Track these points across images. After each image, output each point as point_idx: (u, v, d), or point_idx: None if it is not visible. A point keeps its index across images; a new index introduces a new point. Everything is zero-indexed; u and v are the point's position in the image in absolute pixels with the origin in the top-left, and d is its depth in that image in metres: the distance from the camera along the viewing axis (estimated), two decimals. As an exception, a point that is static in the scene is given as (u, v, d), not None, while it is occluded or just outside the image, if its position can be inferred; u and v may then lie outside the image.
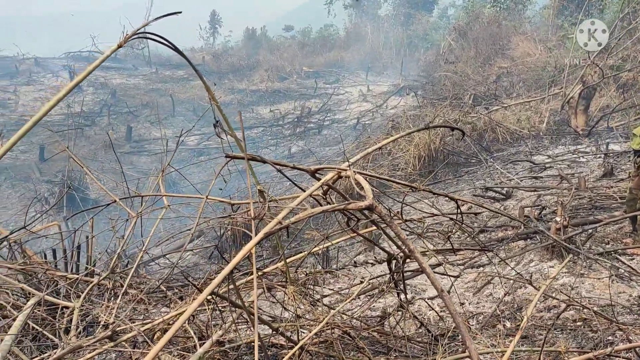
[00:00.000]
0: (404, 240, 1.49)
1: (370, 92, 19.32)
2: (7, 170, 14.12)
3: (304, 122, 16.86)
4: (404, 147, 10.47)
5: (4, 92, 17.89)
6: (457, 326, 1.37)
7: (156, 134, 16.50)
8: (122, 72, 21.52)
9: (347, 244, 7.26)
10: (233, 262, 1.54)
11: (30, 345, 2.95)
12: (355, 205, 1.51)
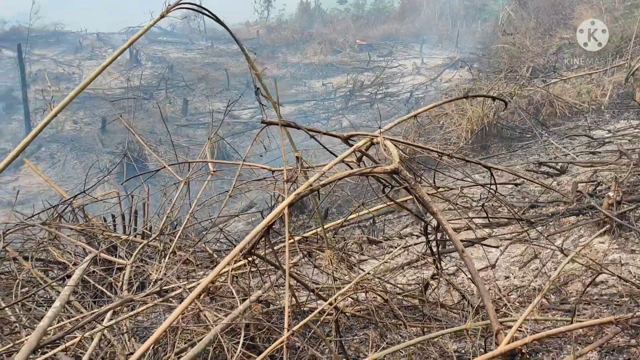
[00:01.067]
0: (427, 202, 1.53)
1: (424, 65, 18.98)
2: (72, 141, 14.87)
3: (356, 96, 16.80)
4: (457, 121, 10.31)
5: (69, 66, 18.69)
6: (476, 285, 1.41)
7: (211, 107, 16.88)
8: (179, 46, 22.02)
9: (394, 217, 7.30)
10: (266, 219, 1.63)
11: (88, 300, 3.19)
12: (381, 169, 1.56)
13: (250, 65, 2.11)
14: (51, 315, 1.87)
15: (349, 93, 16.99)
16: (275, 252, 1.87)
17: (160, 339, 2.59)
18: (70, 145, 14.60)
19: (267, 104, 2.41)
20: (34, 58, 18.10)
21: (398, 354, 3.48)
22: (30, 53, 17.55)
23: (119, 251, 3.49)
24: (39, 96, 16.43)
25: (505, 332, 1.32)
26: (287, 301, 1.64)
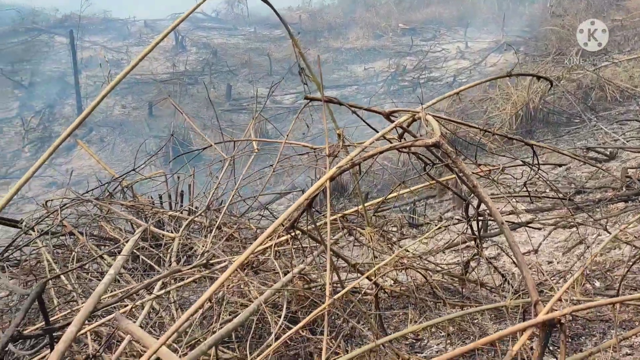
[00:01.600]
0: (468, 176, 1.55)
1: (468, 49, 18.60)
2: (120, 125, 15.34)
3: (398, 80, 16.66)
4: (501, 106, 10.12)
5: (117, 52, 19.20)
6: (515, 256, 1.43)
7: (253, 92, 17.06)
8: (222, 32, 22.27)
9: (435, 202, 7.28)
10: (308, 192, 1.68)
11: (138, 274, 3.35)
12: (422, 142, 1.58)
13: (294, 44, 2.15)
14: (106, 282, 1.99)
15: (390, 78, 16.87)
16: (317, 227, 1.93)
17: (206, 311, 2.71)
18: (119, 129, 15.05)
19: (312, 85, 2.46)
20: (85, 45, 18.66)
21: (437, 334, 3.52)
22: (81, 40, 18.11)
23: (166, 227, 3.64)
24: (90, 81, 16.97)
25: (544, 303, 1.34)
26: (328, 271, 1.69)
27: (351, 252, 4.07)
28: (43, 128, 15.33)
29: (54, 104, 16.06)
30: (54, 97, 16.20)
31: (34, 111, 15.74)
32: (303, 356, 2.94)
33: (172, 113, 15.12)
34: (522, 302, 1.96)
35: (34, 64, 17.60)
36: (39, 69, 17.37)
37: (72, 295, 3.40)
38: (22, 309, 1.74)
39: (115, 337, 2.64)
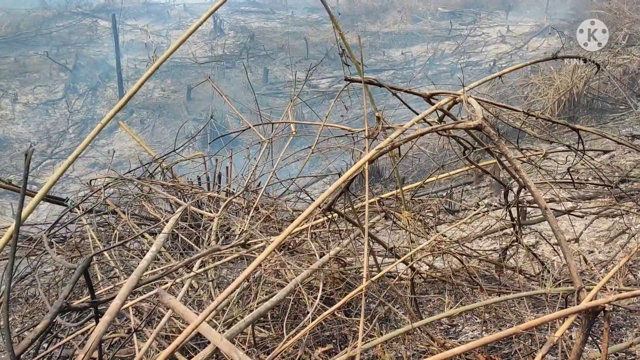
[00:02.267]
0: (511, 159, 1.52)
1: (509, 33, 18.13)
2: (160, 108, 15.60)
3: (436, 65, 16.40)
4: (543, 91, 9.87)
5: (157, 36, 19.47)
6: (558, 242, 1.40)
7: (290, 77, 17.07)
8: (260, 15, 22.29)
9: (472, 188, 7.18)
10: (347, 174, 1.69)
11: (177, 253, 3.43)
12: (464, 124, 1.56)
13: (334, 25, 2.15)
14: (148, 259, 2.05)
15: (428, 62, 16.62)
16: (354, 209, 1.94)
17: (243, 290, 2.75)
18: (158, 111, 15.32)
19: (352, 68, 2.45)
20: (126, 28, 18.99)
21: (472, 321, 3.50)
22: (123, 23, 18.43)
23: (204, 208, 3.71)
24: (131, 65, 17.29)
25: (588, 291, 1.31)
26: (366, 253, 1.70)
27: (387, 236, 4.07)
28: (86, 110, 15.74)
29: (96, 86, 16.44)
30: (96, 80, 16.57)
31: (78, 94, 16.16)
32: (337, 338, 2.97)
33: (210, 96, 15.30)
34: (563, 290, 1.93)
35: (78, 48, 18.02)
36: (82, 52, 17.78)
37: (114, 271, 3.52)
38: (70, 282, 1.81)
39: (156, 313, 2.72)
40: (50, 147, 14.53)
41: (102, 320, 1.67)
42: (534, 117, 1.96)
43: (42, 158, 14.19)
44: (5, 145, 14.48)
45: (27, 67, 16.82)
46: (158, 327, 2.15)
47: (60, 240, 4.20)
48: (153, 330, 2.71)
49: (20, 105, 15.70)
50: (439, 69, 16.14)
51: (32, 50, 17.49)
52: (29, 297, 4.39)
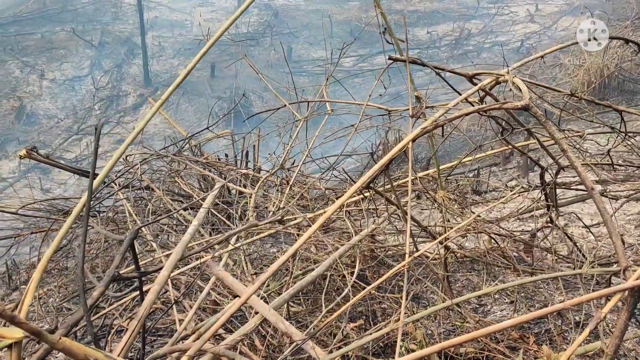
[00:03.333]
0: (558, 139, 1.53)
1: (538, 12, 17.75)
2: (183, 86, 15.69)
3: (462, 45, 16.17)
4: (572, 72, 9.70)
5: (181, 13, 19.49)
6: (605, 222, 1.42)
7: (314, 55, 17.00)
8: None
9: (499, 169, 7.13)
10: (389, 155, 1.71)
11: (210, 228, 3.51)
12: (511, 105, 1.57)
13: (376, 4, 2.15)
14: (191, 232, 2.11)
15: (454, 42, 16.38)
16: (393, 188, 1.97)
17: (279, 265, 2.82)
18: (183, 89, 15.40)
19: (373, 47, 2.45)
20: (151, 5, 19.03)
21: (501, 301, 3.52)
22: (147, 0, 18.46)
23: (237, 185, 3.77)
24: (156, 42, 17.37)
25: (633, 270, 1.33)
26: (408, 229, 1.73)
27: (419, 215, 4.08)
28: (111, 87, 15.89)
29: (121, 63, 16.57)
30: (121, 57, 16.70)
31: (103, 70, 16.31)
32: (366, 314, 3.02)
33: (233, 75, 15.34)
34: (601, 271, 1.94)
35: (103, 24, 18.14)
36: (107, 29, 17.89)
37: (148, 245, 3.61)
38: (119, 253, 1.88)
39: (194, 286, 2.80)
40: (77, 123, 14.75)
41: (152, 290, 1.74)
42: (577, 97, 1.96)
43: (68, 134, 14.42)
44: (33, 120, 14.74)
45: (53, 44, 17.01)
46: (200, 298, 2.22)
47: (94, 215, 4.31)
48: (189, 302, 2.79)
49: (47, 82, 15.92)
50: (465, 48, 15.92)
51: (58, 27, 17.66)
52: (62, 268, 4.53)
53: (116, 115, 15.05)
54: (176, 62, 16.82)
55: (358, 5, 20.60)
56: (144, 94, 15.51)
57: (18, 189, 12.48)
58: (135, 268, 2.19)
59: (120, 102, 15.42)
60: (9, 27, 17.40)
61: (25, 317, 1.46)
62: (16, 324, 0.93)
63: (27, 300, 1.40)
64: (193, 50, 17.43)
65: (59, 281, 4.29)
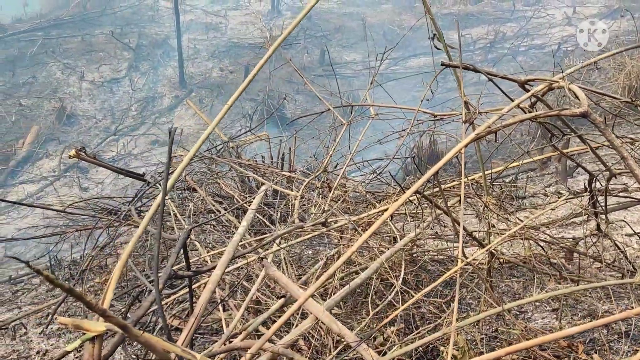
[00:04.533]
0: (617, 147, 1.52)
1: (576, 15, 17.41)
2: (218, 88, 15.90)
3: (497, 48, 15.98)
4: (612, 76, 9.49)
5: (216, 16, 19.76)
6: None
7: (347, 58, 17.02)
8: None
9: (536, 175, 7.04)
10: (441, 161, 1.72)
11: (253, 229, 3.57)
12: (570, 112, 1.57)
13: (426, 8, 2.16)
14: (241, 232, 2.15)
15: (489, 45, 16.20)
16: (443, 194, 1.98)
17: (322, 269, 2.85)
18: (217, 91, 15.61)
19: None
20: (186, 8, 19.35)
21: (542, 308, 3.48)
22: (183, 3, 18.77)
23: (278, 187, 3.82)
24: (191, 44, 17.65)
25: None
26: (460, 234, 1.74)
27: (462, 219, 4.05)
28: (148, 88, 16.20)
29: (157, 65, 16.89)
30: (157, 59, 17.02)
31: (140, 72, 16.65)
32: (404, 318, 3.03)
33: (266, 77, 15.48)
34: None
35: (141, 27, 18.52)
36: (144, 31, 18.26)
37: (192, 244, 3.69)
38: (174, 252, 1.93)
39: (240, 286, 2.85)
40: (114, 123, 15.09)
41: (206, 289, 1.79)
42: (633, 104, 1.93)
43: (106, 134, 14.75)
44: (73, 121, 15.13)
45: (93, 46, 17.45)
46: (248, 298, 2.26)
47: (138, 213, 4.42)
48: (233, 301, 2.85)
49: (87, 83, 16.32)
50: (499, 52, 15.73)
51: (97, 30, 18.10)
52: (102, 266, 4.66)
53: (152, 116, 15.34)
54: (210, 64, 17.06)
55: (391, 7, 20.56)
56: (179, 96, 15.77)
57: (58, 187, 12.84)
58: (186, 267, 2.26)
59: (156, 103, 15.71)
60: (52, 30, 17.92)
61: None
62: (105, 318, 0.98)
63: (109, 295, 1.47)
64: (227, 52, 17.65)
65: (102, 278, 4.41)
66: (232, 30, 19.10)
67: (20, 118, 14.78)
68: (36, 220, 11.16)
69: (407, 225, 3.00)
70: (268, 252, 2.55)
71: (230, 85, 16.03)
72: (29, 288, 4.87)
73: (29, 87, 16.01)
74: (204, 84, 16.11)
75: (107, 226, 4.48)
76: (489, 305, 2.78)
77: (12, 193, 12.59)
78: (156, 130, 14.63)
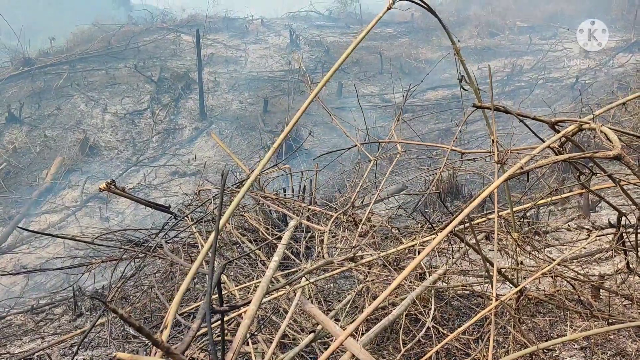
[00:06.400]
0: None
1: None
2: (237, 120, 16.16)
3: (514, 81, 16.07)
4: (632, 110, 9.48)
5: (236, 50, 20.20)
6: None
7: (364, 91, 17.22)
8: (335, 30, 22.65)
9: (558, 209, 7.00)
10: (475, 202, 1.76)
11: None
12: (603, 154, 1.60)
13: (455, 52, 2.23)
14: (273, 267, 2.20)
15: (506, 78, 16.30)
16: (474, 233, 2.01)
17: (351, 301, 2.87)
18: (236, 123, 15.84)
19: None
20: (207, 42, 19.82)
21: (570, 346, 3.44)
22: (204, 37, 19.24)
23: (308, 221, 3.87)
24: (211, 77, 18.01)
25: None
26: (495, 273, 1.76)
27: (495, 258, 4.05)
28: (168, 120, 16.51)
29: (178, 98, 17.23)
30: (178, 92, 17.37)
31: (162, 104, 16.99)
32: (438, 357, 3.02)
33: (285, 109, 15.71)
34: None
35: (163, 61, 18.98)
36: (166, 65, 18.70)
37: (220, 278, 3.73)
38: (210, 286, 1.98)
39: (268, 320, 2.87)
40: (136, 154, 15.35)
41: (243, 324, 1.83)
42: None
43: (127, 165, 15.00)
44: (95, 152, 15.43)
45: (116, 79, 17.89)
46: (279, 332, 2.29)
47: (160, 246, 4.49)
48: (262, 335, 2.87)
49: (109, 115, 16.69)
50: (517, 84, 15.80)
51: (121, 64, 18.58)
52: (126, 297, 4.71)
53: (172, 147, 15.59)
54: (230, 96, 17.36)
55: (408, 41, 20.85)
56: (199, 127, 16.03)
57: (79, 217, 13.03)
58: (219, 302, 2.30)
59: (177, 135, 15.97)
60: (77, 63, 18.44)
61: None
62: (170, 354, 1.02)
63: (166, 332, 1.51)
64: (247, 85, 17.98)
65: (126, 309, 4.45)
66: (252, 63, 19.48)
67: (44, 149, 15.12)
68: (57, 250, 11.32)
69: (435, 260, 3.02)
70: (298, 286, 2.59)
71: (250, 117, 16.29)
72: (52, 318, 4.93)
73: (53, 118, 16.41)
74: (224, 116, 16.37)
75: (133, 257, 4.55)
76: (518, 343, 2.77)
77: (34, 223, 12.79)
78: (176, 162, 14.84)
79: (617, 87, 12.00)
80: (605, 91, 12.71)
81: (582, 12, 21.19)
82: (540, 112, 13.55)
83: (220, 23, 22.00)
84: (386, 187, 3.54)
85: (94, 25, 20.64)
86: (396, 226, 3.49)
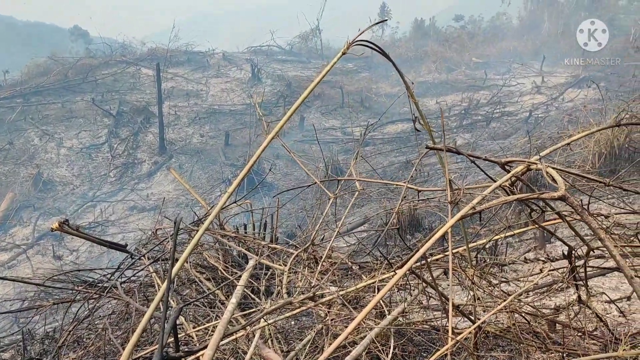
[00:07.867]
0: (595, 229, 1.60)
1: (544, 84, 18.26)
2: (198, 153, 16.03)
3: (471, 115, 16.54)
4: (582, 143, 9.87)
5: (197, 83, 20.17)
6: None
7: (326, 124, 17.40)
8: (296, 64, 22.95)
9: (515, 240, 7.16)
10: (430, 241, 1.78)
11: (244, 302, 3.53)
12: (548, 195, 1.66)
13: (409, 95, 2.29)
14: (231, 310, 2.15)
15: (463, 112, 16.77)
16: (430, 270, 2.02)
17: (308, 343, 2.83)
18: (197, 156, 15.71)
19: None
20: (168, 76, 19.73)
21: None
22: (164, 71, 19.16)
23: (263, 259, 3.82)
24: (172, 111, 17.89)
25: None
26: (450, 310, 1.77)
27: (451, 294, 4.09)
28: (127, 154, 16.24)
29: (138, 131, 17.01)
30: (138, 126, 17.17)
31: (120, 138, 16.73)
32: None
33: (246, 142, 15.69)
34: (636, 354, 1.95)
35: (122, 94, 18.78)
36: (125, 98, 18.51)
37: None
38: (165, 332, 1.92)
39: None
40: (92, 189, 14.99)
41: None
42: (612, 186, 2.04)
43: (83, 200, 14.62)
44: (49, 187, 15.00)
45: (73, 113, 17.57)
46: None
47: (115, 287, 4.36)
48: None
49: (65, 149, 16.32)
50: (474, 118, 16.26)
51: (78, 97, 18.29)
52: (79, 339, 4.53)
53: (131, 182, 15.30)
54: (191, 130, 17.25)
55: (368, 76, 21.28)
56: (159, 161, 15.82)
57: (31, 255, 12.55)
58: (175, 346, 2.23)
59: (135, 169, 15.71)
60: (31, 97, 18.05)
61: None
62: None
63: None
64: (208, 119, 17.91)
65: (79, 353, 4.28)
66: (213, 97, 19.48)
67: (-5, 185, 14.61)
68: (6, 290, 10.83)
69: (395, 295, 3.03)
70: (256, 328, 2.54)
71: (211, 151, 16.19)
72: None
73: (5, 153, 15.93)
74: (184, 150, 16.22)
75: (87, 298, 4.39)
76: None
77: (-17, 262, 12.25)
78: (134, 197, 14.55)
79: (567, 121, 12.50)
80: (556, 125, 13.22)
81: (533, 50, 22.17)
82: (497, 144, 13.97)
83: (181, 57, 22.00)
84: (347, 222, 3.55)
85: (50, 58, 20.31)
86: (357, 262, 3.50)
